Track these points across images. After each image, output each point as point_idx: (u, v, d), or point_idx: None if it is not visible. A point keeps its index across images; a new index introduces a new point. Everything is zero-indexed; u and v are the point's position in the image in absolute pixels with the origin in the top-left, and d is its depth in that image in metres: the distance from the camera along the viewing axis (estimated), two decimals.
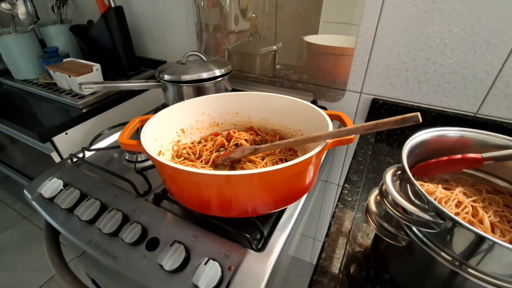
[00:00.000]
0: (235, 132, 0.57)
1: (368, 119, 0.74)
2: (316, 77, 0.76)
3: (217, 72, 0.71)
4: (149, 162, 0.62)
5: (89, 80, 0.85)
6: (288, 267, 0.54)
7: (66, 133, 0.78)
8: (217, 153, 0.54)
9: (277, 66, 0.81)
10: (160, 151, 0.50)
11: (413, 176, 0.37)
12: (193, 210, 0.45)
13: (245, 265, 0.40)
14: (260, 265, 0.40)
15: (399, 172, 0.41)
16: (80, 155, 0.63)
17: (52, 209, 0.53)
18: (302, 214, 0.52)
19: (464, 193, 0.41)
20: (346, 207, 0.52)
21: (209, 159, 0.53)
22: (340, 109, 0.78)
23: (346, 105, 0.77)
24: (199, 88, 0.71)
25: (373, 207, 0.38)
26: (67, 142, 0.78)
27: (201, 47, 0.91)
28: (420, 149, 0.44)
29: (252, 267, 0.40)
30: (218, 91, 0.74)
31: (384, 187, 0.36)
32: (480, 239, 0.29)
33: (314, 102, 0.78)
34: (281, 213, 0.48)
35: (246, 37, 0.81)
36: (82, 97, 0.85)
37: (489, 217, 0.37)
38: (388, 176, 0.40)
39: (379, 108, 0.70)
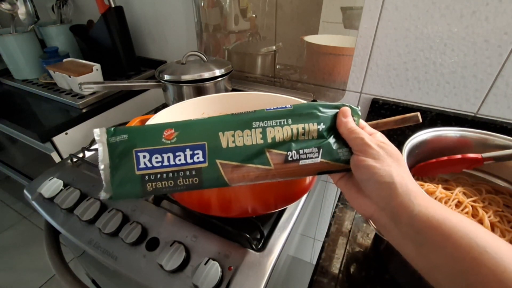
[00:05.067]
0: None
1: (368, 119, 0.74)
2: (316, 77, 0.76)
3: (217, 72, 0.71)
4: None
5: (89, 80, 0.85)
6: (288, 267, 0.54)
7: (66, 133, 0.78)
8: None
9: (277, 66, 0.81)
10: None
11: (413, 176, 0.37)
12: (193, 210, 0.45)
13: (245, 265, 0.40)
14: (260, 265, 0.40)
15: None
16: (80, 155, 0.63)
17: (52, 209, 0.53)
18: (302, 214, 0.52)
19: (464, 193, 0.41)
20: (346, 207, 0.52)
21: None
22: None
23: None
24: (199, 88, 0.71)
25: None
26: (67, 142, 0.78)
27: (201, 47, 0.91)
28: (420, 149, 0.44)
29: (252, 267, 0.40)
30: (218, 91, 0.74)
31: None
32: None
33: (314, 102, 0.78)
34: (281, 213, 0.48)
35: (246, 37, 0.81)
36: (82, 97, 0.85)
37: (489, 217, 0.37)
38: None
39: (379, 108, 0.70)
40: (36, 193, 0.55)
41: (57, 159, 0.77)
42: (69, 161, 0.63)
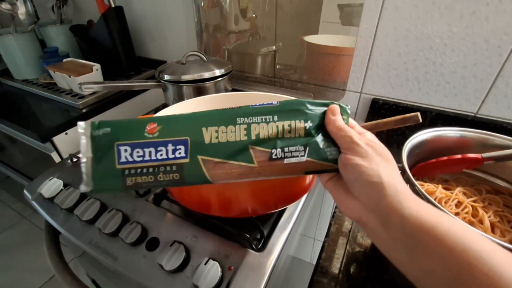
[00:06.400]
0: None
1: (368, 119, 0.74)
2: (316, 77, 0.76)
3: (217, 72, 0.71)
4: None
5: (89, 80, 0.85)
6: (288, 267, 0.54)
7: (66, 133, 0.78)
8: None
9: (277, 66, 0.81)
10: None
11: (413, 176, 0.37)
12: (193, 210, 0.45)
13: (245, 265, 0.40)
14: (260, 265, 0.40)
15: (399, 172, 0.41)
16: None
17: (52, 209, 0.53)
18: (302, 214, 0.52)
19: (464, 193, 0.41)
20: None
21: None
22: None
23: None
24: (199, 88, 0.71)
25: None
26: (67, 142, 0.78)
27: (201, 47, 0.91)
28: (420, 149, 0.44)
29: (252, 267, 0.40)
30: (218, 91, 0.74)
31: None
32: None
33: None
34: (281, 213, 0.48)
35: (246, 37, 0.81)
36: (82, 97, 0.85)
37: (489, 217, 0.37)
38: None
39: (379, 108, 0.70)
40: (36, 193, 0.55)
41: (57, 159, 0.77)
42: (69, 161, 0.63)
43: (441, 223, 0.21)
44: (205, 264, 0.38)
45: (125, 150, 0.26)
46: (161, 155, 0.26)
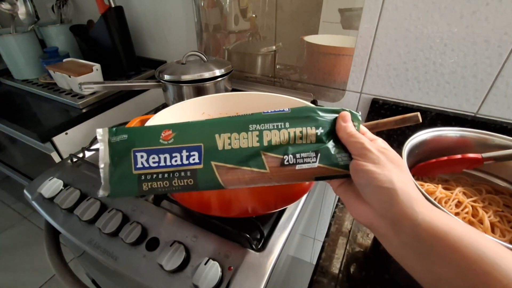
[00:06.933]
0: None
1: (368, 119, 0.74)
2: (316, 77, 0.76)
3: (217, 72, 0.71)
4: None
5: (89, 80, 0.85)
6: (288, 267, 0.54)
7: (66, 133, 0.78)
8: None
9: (277, 66, 0.81)
10: None
11: (413, 176, 0.37)
12: (193, 210, 0.45)
13: (245, 265, 0.40)
14: (260, 265, 0.40)
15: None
16: (80, 155, 0.63)
17: (52, 209, 0.53)
18: (302, 214, 0.52)
19: (464, 193, 0.41)
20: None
21: None
22: None
23: (346, 105, 0.77)
24: (199, 88, 0.71)
25: None
26: (67, 142, 0.78)
27: (201, 47, 0.91)
28: (420, 149, 0.44)
29: (252, 267, 0.40)
30: (218, 91, 0.74)
31: None
32: None
33: (314, 102, 0.78)
34: (281, 213, 0.48)
35: (246, 37, 0.81)
36: (82, 97, 0.85)
37: (489, 217, 0.37)
38: None
39: (379, 108, 0.70)
40: (36, 193, 0.55)
41: (57, 159, 0.77)
42: (69, 161, 0.63)
43: (455, 229, 0.21)
44: (205, 264, 0.38)
45: (141, 156, 0.27)
46: (175, 161, 0.27)
